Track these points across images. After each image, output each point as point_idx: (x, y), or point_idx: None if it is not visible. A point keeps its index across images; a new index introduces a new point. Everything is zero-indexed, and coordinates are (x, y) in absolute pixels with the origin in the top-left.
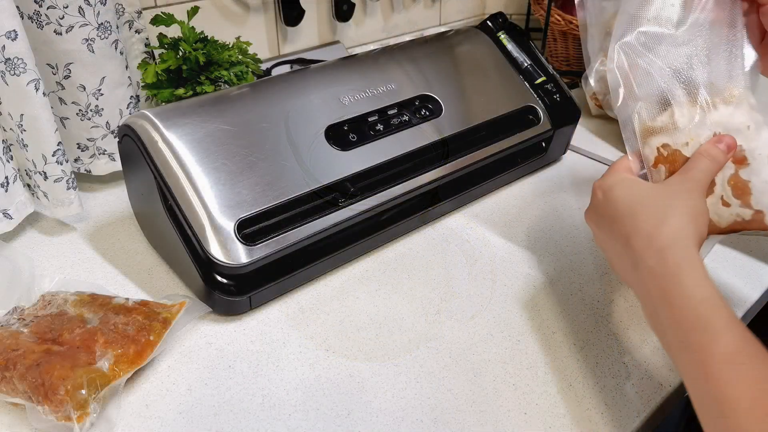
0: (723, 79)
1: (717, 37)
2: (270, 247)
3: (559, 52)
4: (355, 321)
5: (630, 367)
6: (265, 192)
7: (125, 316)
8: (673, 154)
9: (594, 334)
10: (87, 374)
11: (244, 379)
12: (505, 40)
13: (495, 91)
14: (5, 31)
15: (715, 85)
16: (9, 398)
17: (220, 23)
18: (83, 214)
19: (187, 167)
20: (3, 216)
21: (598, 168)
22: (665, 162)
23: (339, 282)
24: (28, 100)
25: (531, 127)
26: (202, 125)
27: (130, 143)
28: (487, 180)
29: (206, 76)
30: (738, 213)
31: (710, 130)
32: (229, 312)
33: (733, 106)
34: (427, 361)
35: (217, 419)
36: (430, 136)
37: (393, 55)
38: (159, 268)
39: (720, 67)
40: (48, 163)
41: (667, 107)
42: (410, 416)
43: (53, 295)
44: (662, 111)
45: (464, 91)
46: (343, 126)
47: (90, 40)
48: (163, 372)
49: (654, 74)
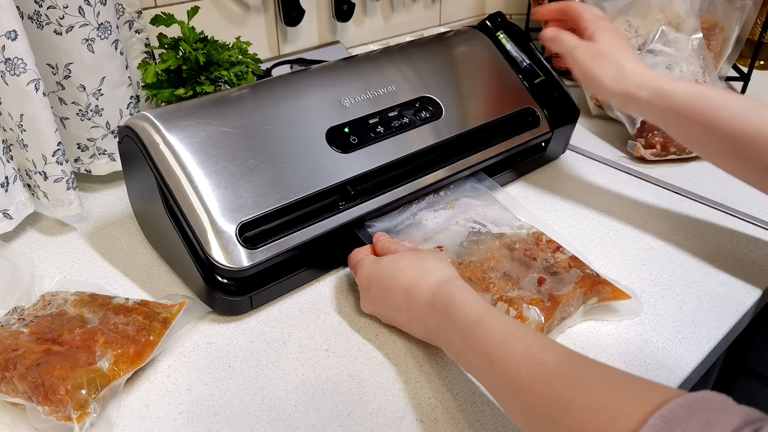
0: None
1: None
2: (271, 250)
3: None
4: (355, 321)
5: (630, 367)
6: (266, 195)
7: (125, 316)
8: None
9: (594, 333)
10: (87, 374)
11: (244, 379)
12: (504, 39)
13: (494, 92)
14: (5, 31)
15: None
16: (9, 398)
17: (220, 23)
18: (83, 214)
19: (188, 170)
20: (3, 216)
21: (597, 167)
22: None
23: (339, 282)
24: (28, 100)
25: (530, 129)
26: (203, 127)
27: (131, 145)
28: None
29: (206, 76)
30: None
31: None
32: (230, 312)
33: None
34: (428, 361)
35: (217, 419)
36: (431, 138)
37: (393, 57)
38: (159, 268)
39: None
40: (48, 163)
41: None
42: (410, 416)
43: (53, 295)
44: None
45: (464, 92)
46: (344, 128)
47: (90, 40)
48: (163, 372)
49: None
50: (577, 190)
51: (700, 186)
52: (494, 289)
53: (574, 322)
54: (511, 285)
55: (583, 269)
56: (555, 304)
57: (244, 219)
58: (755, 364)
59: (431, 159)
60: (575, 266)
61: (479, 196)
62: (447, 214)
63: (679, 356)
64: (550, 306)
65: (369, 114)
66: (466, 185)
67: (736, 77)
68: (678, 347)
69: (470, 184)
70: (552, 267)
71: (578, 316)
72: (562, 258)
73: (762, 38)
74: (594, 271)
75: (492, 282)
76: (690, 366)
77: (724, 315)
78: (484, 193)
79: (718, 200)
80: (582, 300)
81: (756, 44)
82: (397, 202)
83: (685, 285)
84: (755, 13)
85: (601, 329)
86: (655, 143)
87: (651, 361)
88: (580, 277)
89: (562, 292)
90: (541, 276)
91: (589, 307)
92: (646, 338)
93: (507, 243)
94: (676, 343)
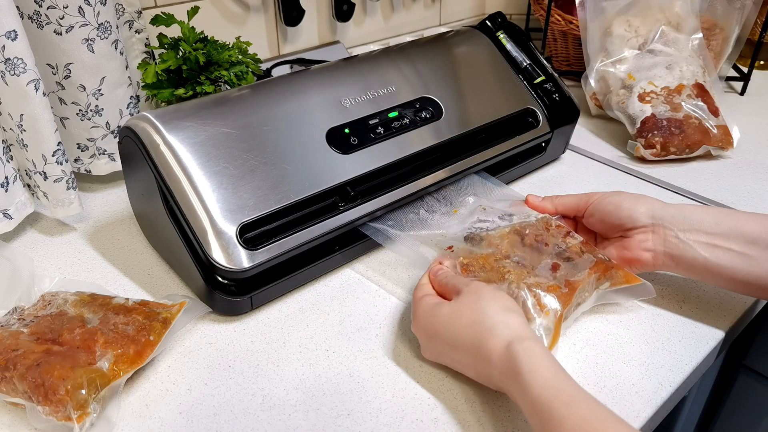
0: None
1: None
2: (271, 251)
3: (559, 52)
4: (355, 321)
5: (630, 367)
6: (266, 196)
7: (125, 316)
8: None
9: (594, 333)
10: (87, 374)
11: (244, 379)
12: (504, 39)
13: (494, 92)
14: (5, 31)
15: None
16: (9, 398)
17: (220, 23)
18: (83, 214)
19: (188, 171)
20: (3, 216)
21: (597, 167)
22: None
23: (339, 282)
24: (28, 100)
25: (530, 129)
26: (203, 128)
27: (131, 145)
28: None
29: (206, 76)
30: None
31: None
32: (230, 312)
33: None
34: (428, 360)
35: (217, 419)
36: (431, 139)
37: (393, 57)
38: (159, 268)
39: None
40: (48, 163)
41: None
42: (410, 416)
43: (53, 295)
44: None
45: (464, 92)
46: (344, 129)
47: (90, 40)
48: (163, 372)
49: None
50: (577, 190)
51: (700, 186)
52: (510, 276)
53: (588, 306)
54: (527, 272)
55: (595, 254)
56: (572, 290)
57: (244, 220)
58: (755, 364)
59: (431, 160)
60: (587, 251)
61: (484, 189)
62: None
63: (679, 356)
64: (567, 292)
65: (369, 115)
66: (473, 180)
67: (736, 77)
68: (678, 347)
69: (477, 178)
70: (564, 252)
71: (592, 301)
72: (574, 243)
73: (762, 38)
74: (605, 256)
75: (507, 270)
76: (690, 366)
77: (724, 315)
78: (490, 186)
79: (718, 200)
80: (596, 285)
81: (756, 44)
82: (397, 202)
83: (685, 285)
84: (755, 13)
85: (601, 329)
86: (655, 143)
87: (651, 361)
88: (593, 262)
89: (578, 278)
90: (555, 262)
91: (602, 292)
92: (646, 338)
93: (517, 229)
94: (676, 343)
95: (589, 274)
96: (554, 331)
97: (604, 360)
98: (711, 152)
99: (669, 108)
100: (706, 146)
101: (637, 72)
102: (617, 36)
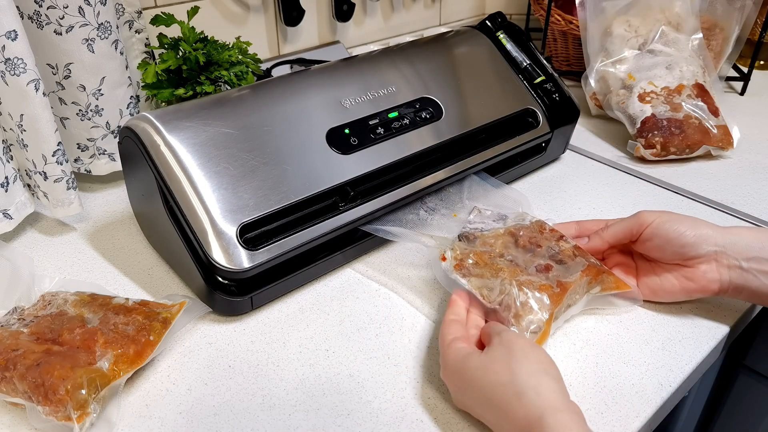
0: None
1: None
2: (272, 252)
3: (559, 52)
4: (355, 321)
5: (630, 367)
6: (267, 196)
7: (125, 316)
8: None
9: (594, 333)
10: (87, 374)
11: (244, 379)
12: (504, 39)
13: (494, 93)
14: (5, 31)
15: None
16: (9, 398)
17: (220, 23)
18: (83, 214)
19: (189, 171)
20: (3, 216)
21: (597, 167)
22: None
23: (339, 282)
24: (28, 100)
25: (530, 129)
26: (203, 128)
27: (132, 146)
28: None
29: (206, 76)
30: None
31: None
32: (230, 312)
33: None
34: (428, 361)
35: (217, 419)
36: (431, 139)
37: (393, 57)
38: (159, 268)
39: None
40: (48, 163)
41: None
42: (410, 416)
43: (53, 295)
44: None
45: (464, 93)
46: (344, 129)
47: (90, 40)
48: (163, 372)
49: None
50: (577, 190)
51: (700, 186)
52: (503, 274)
53: (578, 309)
54: (519, 271)
55: (587, 258)
56: (563, 290)
57: (244, 220)
58: (755, 364)
59: (431, 160)
60: (579, 255)
61: (483, 190)
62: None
63: (679, 356)
64: (558, 292)
65: (369, 115)
66: (472, 180)
67: (736, 77)
68: (678, 347)
69: (477, 179)
70: (557, 255)
71: (582, 304)
72: (566, 247)
73: (762, 38)
74: (597, 261)
75: (500, 267)
76: (690, 366)
77: (723, 315)
78: (487, 187)
79: (718, 200)
80: (587, 288)
81: (756, 44)
82: (397, 203)
83: None
84: (755, 13)
85: (601, 329)
86: (655, 143)
87: (651, 361)
88: (585, 265)
89: (570, 280)
90: (547, 263)
91: (592, 296)
92: (646, 338)
93: (511, 231)
94: (676, 343)
95: (581, 276)
96: (544, 328)
97: (604, 360)
98: (711, 152)
99: (669, 108)
100: (706, 146)
101: (637, 72)
102: (617, 36)
